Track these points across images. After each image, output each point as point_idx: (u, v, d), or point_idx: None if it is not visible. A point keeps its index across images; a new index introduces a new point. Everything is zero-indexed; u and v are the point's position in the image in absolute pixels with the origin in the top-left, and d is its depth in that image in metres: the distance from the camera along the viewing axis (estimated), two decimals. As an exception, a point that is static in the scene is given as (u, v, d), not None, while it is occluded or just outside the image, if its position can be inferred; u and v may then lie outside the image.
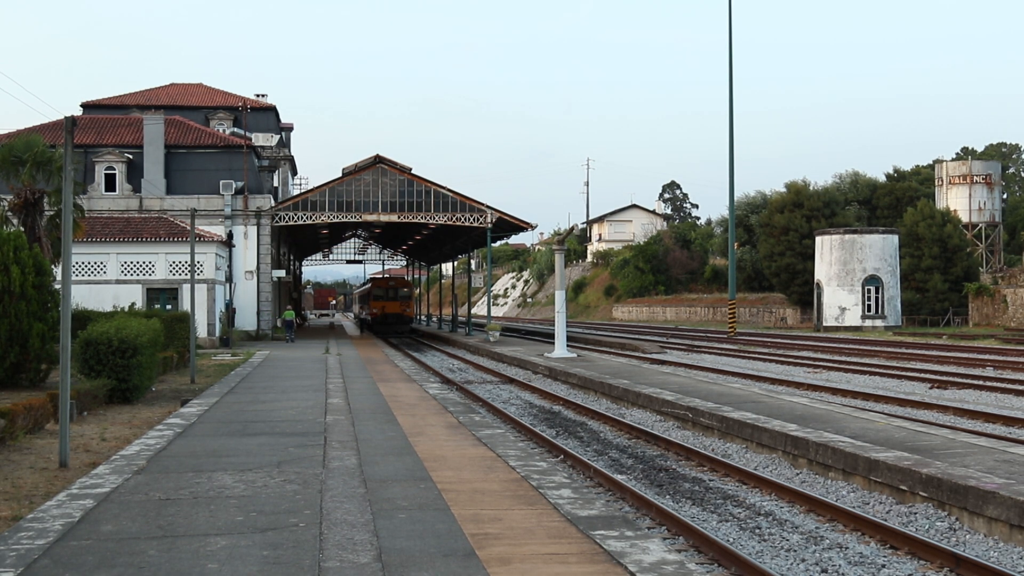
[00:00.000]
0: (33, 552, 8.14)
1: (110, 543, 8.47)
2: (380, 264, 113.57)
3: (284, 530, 8.92)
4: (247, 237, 54.67)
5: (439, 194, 57.21)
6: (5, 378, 23.02)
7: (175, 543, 8.47)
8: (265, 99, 76.46)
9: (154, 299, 47.53)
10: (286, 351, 42.36)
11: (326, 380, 26.24)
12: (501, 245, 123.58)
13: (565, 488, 10.97)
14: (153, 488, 10.98)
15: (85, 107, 67.38)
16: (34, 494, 11.49)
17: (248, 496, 10.47)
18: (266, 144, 67.92)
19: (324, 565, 7.74)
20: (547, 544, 8.50)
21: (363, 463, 12.62)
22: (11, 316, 22.86)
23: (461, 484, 11.21)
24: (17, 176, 32.34)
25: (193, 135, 58.41)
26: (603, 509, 9.91)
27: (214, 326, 48.66)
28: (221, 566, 7.73)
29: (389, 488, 10.94)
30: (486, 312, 65.84)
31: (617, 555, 8.07)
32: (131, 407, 21.29)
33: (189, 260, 31.79)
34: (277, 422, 17.02)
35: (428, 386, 24.65)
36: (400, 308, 73.64)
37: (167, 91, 73.56)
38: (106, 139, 56.23)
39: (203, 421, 17.20)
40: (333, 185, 56.59)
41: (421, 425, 16.66)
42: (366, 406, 19.71)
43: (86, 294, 42.26)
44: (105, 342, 21.72)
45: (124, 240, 47.94)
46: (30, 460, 14.03)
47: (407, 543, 8.46)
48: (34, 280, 23.71)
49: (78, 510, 9.75)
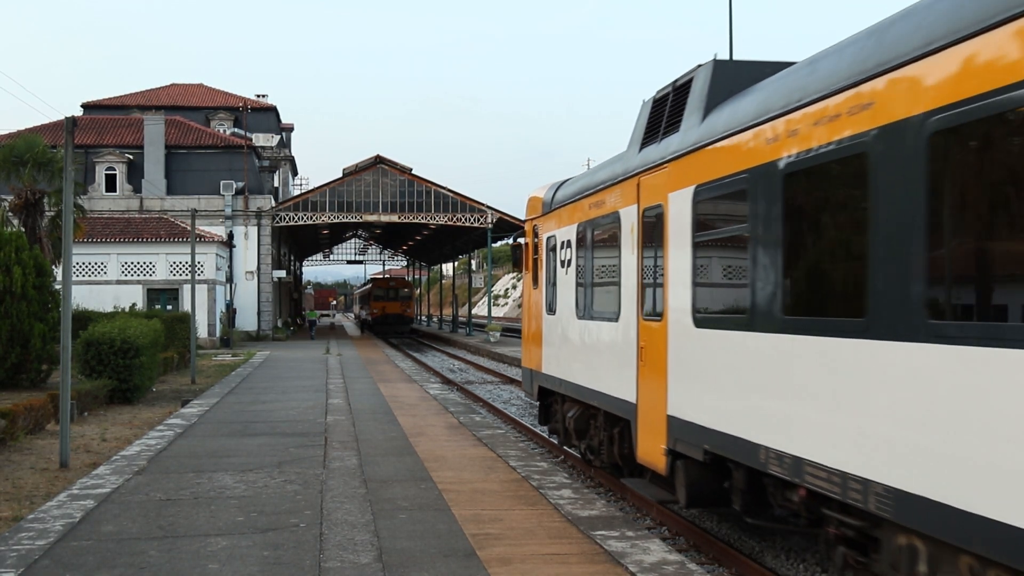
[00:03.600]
0: (34, 552, 8.14)
1: (111, 543, 8.47)
2: (380, 264, 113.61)
3: (285, 530, 8.92)
4: (247, 237, 54.66)
5: (439, 194, 57.21)
6: (6, 378, 23.03)
7: (176, 543, 8.47)
8: (265, 99, 76.48)
9: (155, 299, 47.55)
10: (287, 351, 42.37)
11: (327, 380, 26.24)
12: (502, 245, 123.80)
13: (566, 488, 10.96)
14: (154, 488, 10.97)
15: (85, 107, 67.39)
16: (35, 494, 11.49)
17: (249, 496, 10.47)
18: (266, 144, 67.93)
19: (325, 565, 7.74)
20: (548, 544, 8.50)
21: (364, 463, 12.62)
22: (12, 317, 22.87)
23: (462, 484, 11.21)
24: (18, 177, 32.37)
25: (193, 135, 58.42)
26: (604, 509, 9.91)
27: (215, 326, 48.69)
28: (222, 566, 7.73)
29: (390, 488, 10.94)
30: (486, 312, 65.82)
31: (618, 555, 8.07)
32: (132, 407, 21.30)
33: (190, 260, 31.80)
34: (278, 422, 17.02)
35: (428, 386, 24.65)
36: (400, 308, 73.65)
37: (167, 91, 73.57)
38: (106, 139, 56.25)
39: (204, 421, 17.20)
40: (333, 185, 56.60)
41: (422, 425, 16.65)
42: (366, 406, 19.71)
43: (87, 295, 42.27)
44: (106, 342, 21.72)
45: (124, 240, 47.96)
46: (31, 460, 14.03)
47: (408, 543, 8.46)
48: (35, 281, 23.72)
49: (79, 510, 9.75)
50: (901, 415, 6.21)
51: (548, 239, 15.46)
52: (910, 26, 6.39)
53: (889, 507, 6.30)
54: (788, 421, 7.62)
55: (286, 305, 69.58)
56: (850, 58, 6.99)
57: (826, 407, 7.07)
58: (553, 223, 15.11)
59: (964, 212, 5.85)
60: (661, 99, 10.93)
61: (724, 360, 8.80)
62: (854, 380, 6.71)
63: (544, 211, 15.74)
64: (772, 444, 7.82)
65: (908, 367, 6.12)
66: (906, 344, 6.12)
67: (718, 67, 9.66)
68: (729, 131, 8.70)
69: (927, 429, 5.96)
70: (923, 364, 5.99)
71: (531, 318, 16.83)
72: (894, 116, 6.30)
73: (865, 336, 6.54)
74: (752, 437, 8.17)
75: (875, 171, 6.43)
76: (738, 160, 8.47)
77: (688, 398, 9.61)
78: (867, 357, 6.55)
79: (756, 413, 8.17)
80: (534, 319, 16.52)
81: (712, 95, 9.50)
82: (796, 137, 7.48)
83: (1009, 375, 5.31)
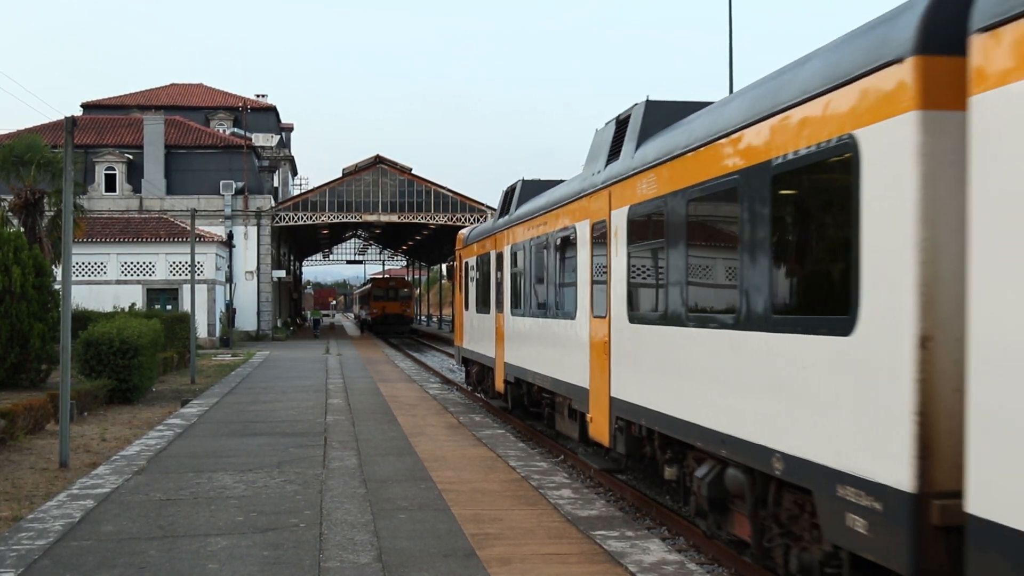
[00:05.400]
0: (33, 552, 8.14)
1: (110, 543, 8.47)
2: (380, 264, 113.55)
3: (284, 530, 8.92)
4: (247, 237, 54.65)
5: (439, 194, 57.20)
6: (6, 378, 23.02)
7: (175, 543, 8.47)
8: (265, 99, 76.44)
9: (154, 299, 47.51)
10: (287, 351, 42.37)
11: (326, 380, 26.24)
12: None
13: (565, 488, 10.97)
14: (153, 488, 10.98)
15: (85, 107, 67.35)
16: (34, 494, 11.48)
17: (248, 496, 10.47)
18: (266, 144, 67.91)
19: (324, 565, 7.74)
20: (547, 544, 8.50)
21: (363, 463, 12.62)
22: (12, 316, 22.86)
23: (461, 484, 11.22)
24: (19, 177, 32.35)
25: (193, 135, 58.39)
26: (603, 509, 9.92)
27: (214, 326, 48.67)
28: (221, 566, 7.73)
29: (389, 488, 10.94)
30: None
31: (617, 555, 8.07)
32: (131, 407, 21.29)
33: (189, 260, 31.78)
34: (277, 422, 17.02)
35: (428, 386, 24.65)
36: (400, 308, 73.63)
37: (167, 91, 73.53)
38: (106, 139, 56.22)
39: (203, 421, 17.19)
40: (333, 185, 56.59)
41: (421, 425, 16.66)
42: (366, 406, 19.71)
43: (86, 294, 42.23)
44: (106, 342, 21.71)
45: (124, 240, 47.93)
46: (30, 460, 14.03)
47: (407, 543, 8.46)
48: (35, 281, 23.71)
49: (78, 510, 9.75)
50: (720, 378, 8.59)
51: (466, 262, 23.94)
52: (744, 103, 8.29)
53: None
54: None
55: (286, 305, 69.57)
56: (721, 114, 8.76)
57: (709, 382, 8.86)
58: (474, 249, 22.86)
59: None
60: (606, 131, 12.63)
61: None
62: (727, 360, 8.39)
63: (464, 245, 24.46)
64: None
65: (759, 349, 7.74)
66: (759, 333, 7.70)
67: (649, 106, 11.23)
68: (653, 162, 10.25)
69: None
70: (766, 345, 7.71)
71: (457, 314, 25.70)
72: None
73: (737, 328, 8.11)
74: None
75: (743, 201, 7.96)
76: (660, 186, 10.01)
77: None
78: (739, 344, 8.13)
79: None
80: (458, 314, 25.43)
81: (643, 130, 11.03)
82: (691, 171, 9.19)
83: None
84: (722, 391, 8.41)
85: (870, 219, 6.17)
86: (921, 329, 5.66)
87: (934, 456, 5.64)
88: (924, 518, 5.64)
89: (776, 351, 7.40)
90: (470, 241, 23.29)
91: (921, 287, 5.67)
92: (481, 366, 22.23)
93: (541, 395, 16.53)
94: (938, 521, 5.58)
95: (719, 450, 8.45)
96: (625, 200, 11.10)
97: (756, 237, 7.71)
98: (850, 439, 6.38)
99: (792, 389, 7.15)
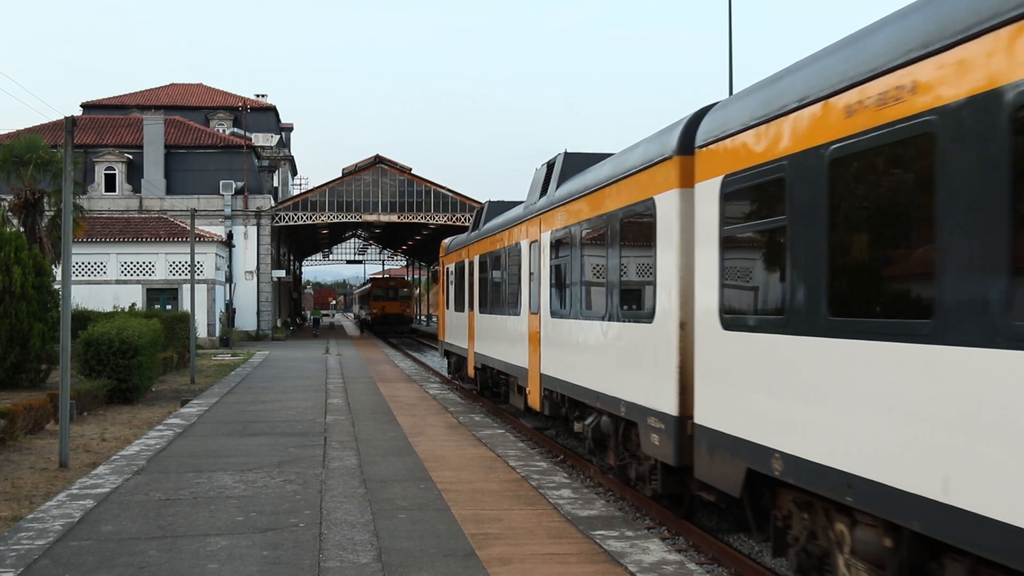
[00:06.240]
0: (33, 552, 8.14)
1: (110, 543, 8.47)
2: (380, 264, 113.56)
3: (284, 530, 8.92)
4: (247, 237, 54.65)
5: (439, 194, 57.20)
6: (5, 378, 23.02)
7: (175, 543, 8.47)
8: (265, 99, 76.45)
9: (154, 299, 47.51)
10: (286, 351, 42.37)
11: (326, 380, 26.24)
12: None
13: (565, 488, 10.97)
14: (153, 488, 10.98)
15: (85, 107, 67.35)
16: (34, 494, 11.49)
17: (248, 496, 10.47)
18: (266, 144, 67.91)
19: (324, 565, 7.74)
20: (547, 544, 8.50)
21: (363, 463, 12.62)
22: (12, 316, 22.86)
23: (461, 484, 11.22)
24: (18, 177, 32.35)
25: (193, 135, 58.39)
26: (603, 509, 9.92)
27: (214, 326, 48.67)
28: (221, 566, 7.73)
29: (389, 488, 10.95)
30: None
31: (617, 555, 8.08)
32: (131, 407, 21.29)
33: (189, 260, 31.79)
34: (277, 422, 17.03)
35: (428, 386, 24.65)
36: (400, 308, 73.65)
37: (167, 91, 73.55)
38: (106, 139, 56.22)
39: (203, 421, 17.20)
40: (333, 185, 56.59)
41: (421, 425, 16.66)
42: (366, 406, 19.71)
43: (86, 294, 42.24)
44: (106, 342, 21.71)
45: (124, 240, 47.92)
46: (30, 460, 14.03)
47: (407, 543, 8.46)
48: (34, 280, 23.71)
49: (78, 510, 9.75)
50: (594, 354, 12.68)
51: (447, 268, 28.38)
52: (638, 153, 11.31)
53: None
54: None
55: (285, 305, 69.59)
56: (596, 174, 12.61)
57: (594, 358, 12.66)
58: (452, 257, 27.11)
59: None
60: (541, 170, 16.65)
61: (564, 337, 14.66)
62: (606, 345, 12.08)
63: (445, 253, 28.66)
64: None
65: (611, 332, 11.85)
66: (613, 323, 11.77)
67: (567, 156, 15.27)
68: (562, 200, 14.25)
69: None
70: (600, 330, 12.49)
71: (441, 313, 30.29)
72: (604, 208, 12.12)
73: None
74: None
75: (613, 234, 11.59)
76: (567, 219, 13.94)
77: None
78: (614, 329, 11.72)
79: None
80: (441, 314, 29.91)
81: (562, 174, 15.01)
82: (584, 208, 13.01)
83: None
84: (597, 363, 12.29)
85: (660, 251, 9.94)
86: (680, 317, 9.53)
87: (687, 393, 9.40)
88: (683, 431, 9.45)
89: (620, 334, 11.39)
90: (450, 250, 27.67)
91: (680, 291, 9.52)
92: (459, 356, 26.36)
93: (499, 377, 20.81)
94: (689, 432, 9.27)
95: (595, 403, 12.38)
96: (549, 226, 15.12)
97: (610, 261, 11.71)
98: (651, 386, 10.23)
99: (627, 357, 11.10)
